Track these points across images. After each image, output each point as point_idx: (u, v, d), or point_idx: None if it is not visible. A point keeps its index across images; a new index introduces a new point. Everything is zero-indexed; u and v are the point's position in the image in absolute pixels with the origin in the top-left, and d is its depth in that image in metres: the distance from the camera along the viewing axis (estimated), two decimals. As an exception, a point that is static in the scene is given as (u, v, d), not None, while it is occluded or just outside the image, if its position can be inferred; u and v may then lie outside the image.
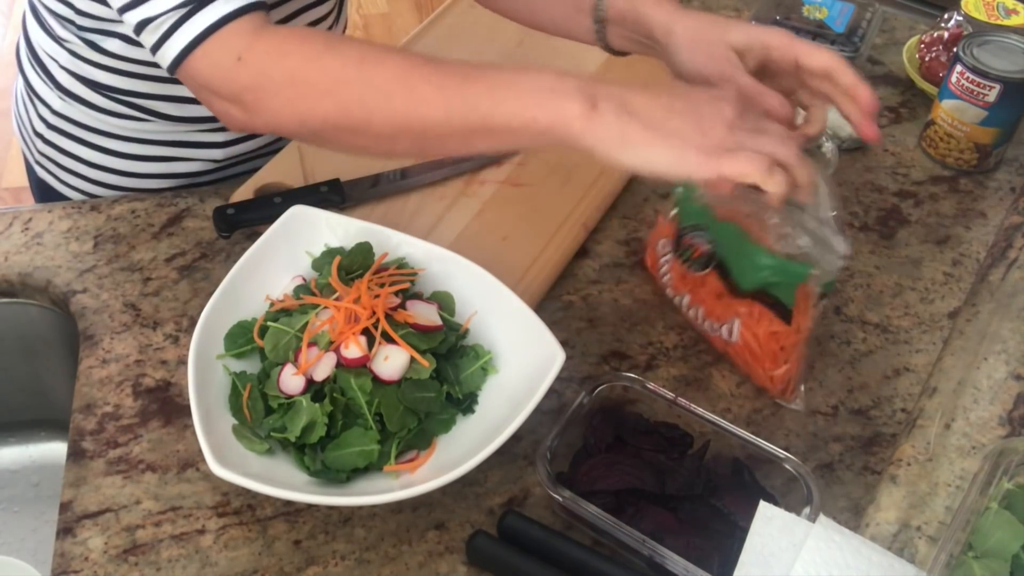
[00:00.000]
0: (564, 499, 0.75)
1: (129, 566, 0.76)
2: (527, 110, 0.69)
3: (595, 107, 0.68)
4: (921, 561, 0.73)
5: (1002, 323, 0.88)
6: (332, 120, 0.73)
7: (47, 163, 1.11)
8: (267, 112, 0.75)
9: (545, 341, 0.81)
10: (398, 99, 0.71)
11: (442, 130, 0.71)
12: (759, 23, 1.19)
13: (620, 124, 0.68)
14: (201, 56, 0.74)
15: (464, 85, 0.71)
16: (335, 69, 0.72)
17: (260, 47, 0.74)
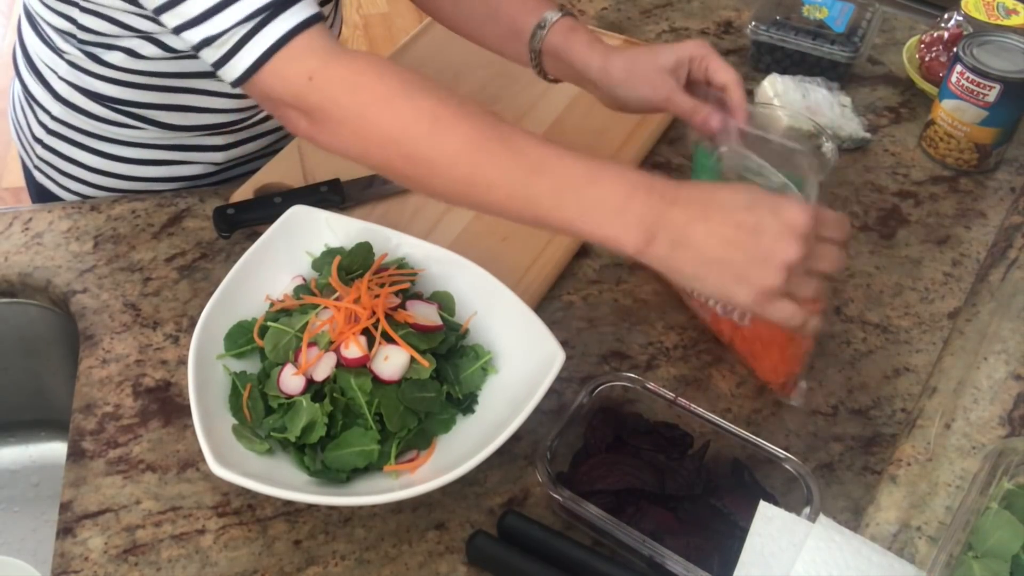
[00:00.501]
0: (564, 499, 0.75)
1: (129, 566, 0.76)
2: (584, 225, 0.69)
3: (652, 239, 0.68)
4: (921, 561, 0.73)
5: (1002, 323, 0.88)
6: (393, 165, 0.74)
7: (47, 168, 1.10)
8: (331, 134, 0.75)
9: (545, 341, 0.81)
10: (462, 170, 0.71)
11: (498, 209, 0.72)
12: (759, 23, 1.19)
13: (672, 256, 0.68)
14: (271, 72, 0.74)
15: (530, 177, 0.70)
16: (407, 120, 0.72)
17: (333, 72, 0.73)
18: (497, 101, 1.14)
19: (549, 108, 1.14)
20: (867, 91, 1.21)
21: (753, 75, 1.21)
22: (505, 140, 0.71)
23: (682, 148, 1.12)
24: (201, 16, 0.74)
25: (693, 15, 1.32)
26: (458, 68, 1.18)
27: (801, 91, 1.14)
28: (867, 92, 1.21)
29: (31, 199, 1.19)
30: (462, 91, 1.15)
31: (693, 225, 0.67)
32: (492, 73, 1.18)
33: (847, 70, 1.19)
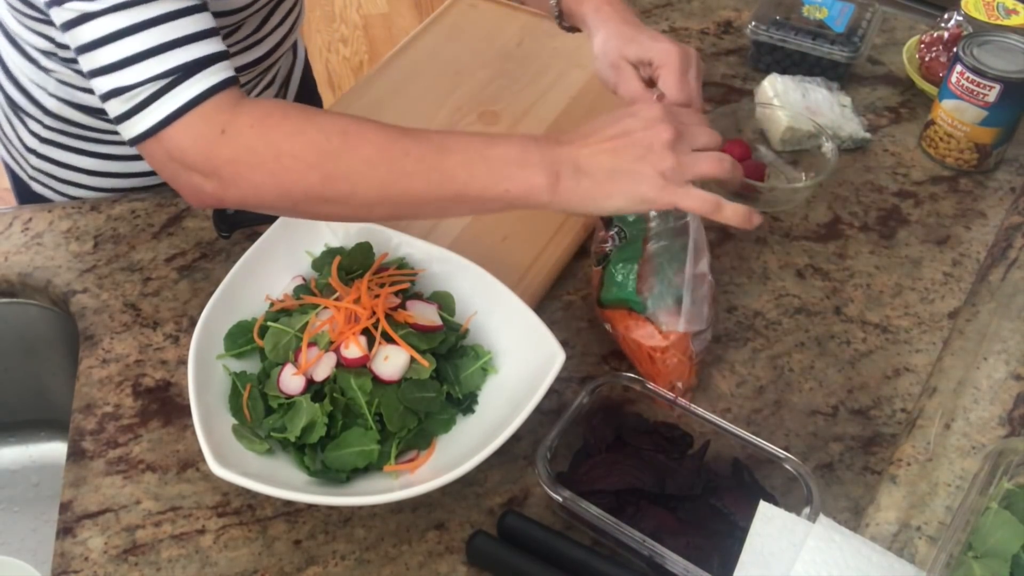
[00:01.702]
0: (564, 499, 0.75)
1: (129, 566, 0.76)
2: (499, 183, 0.74)
3: (557, 176, 0.73)
4: (921, 561, 0.73)
5: (1002, 323, 0.88)
6: (315, 192, 0.74)
7: (44, 178, 1.09)
8: (246, 185, 0.74)
9: (545, 341, 0.81)
10: (382, 171, 0.73)
11: (421, 200, 0.75)
12: (759, 23, 1.19)
13: (580, 187, 0.74)
14: (181, 129, 0.73)
15: (441, 158, 0.74)
16: (320, 143, 0.73)
17: (243, 121, 0.74)
18: (497, 101, 1.14)
19: (549, 108, 1.14)
20: (867, 91, 1.21)
21: (753, 75, 1.21)
22: (410, 134, 0.75)
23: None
24: (113, 66, 0.73)
25: (693, 15, 1.31)
26: (458, 68, 1.18)
27: (801, 91, 1.14)
28: (867, 92, 1.21)
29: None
30: (462, 91, 1.15)
31: (581, 153, 0.74)
32: (492, 73, 1.18)
33: (847, 70, 1.19)
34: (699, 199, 0.74)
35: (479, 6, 1.28)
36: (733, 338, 0.93)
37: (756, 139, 1.11)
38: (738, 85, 1.21)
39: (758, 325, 0.95)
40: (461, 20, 1.25)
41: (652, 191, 0.73)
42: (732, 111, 1.12)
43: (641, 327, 0.86)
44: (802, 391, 0.89)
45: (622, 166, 0.74)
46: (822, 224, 1.05)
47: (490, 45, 1.22)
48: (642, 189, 0.73)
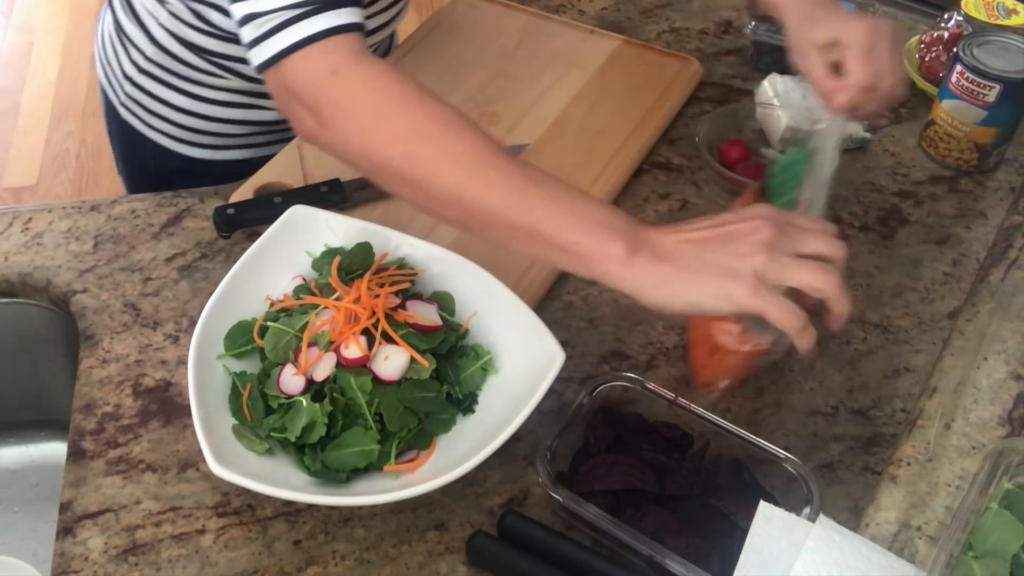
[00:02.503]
0: (564, 499, 0.75)
1: (129, 566, 0.76)
2: (574, 233, 0.71)
3: (635, 252, 0.69)
4: (921, 561, 0.73)
5: (1002, 323, 0.88)
6: (395, 165, 0.74)
7: (133, 106, 1.15)
8: (339, 131, 0.75)
9: (545, 341, 0.81)
10: (465, 172, 0.73)
11: (492, 215, 0.73)
12: (759, 23, 1.19)
13: (657, 269, 0.69)
14: (299, 60, 0.75)
15: (528, 185, 0.72)
16: (420, 121, 0.74)
17: (357, 69, 0.75)
18: (497, 101, 1.14)
19: (549, 108, 1.14)
20: (867, 91, 1.21)
21: (753, 75, 1.21)
22: (505, 155, 0.74)
23: (682, 148, 1.12)
24: None
25: (693, 15, 1.31)
26: (458, 68, 1.18)
27: (801, 91, 1.13)
28: (867, 92, 1.20)
29: (110, 137, 1.23)
30: (462, 91, 1.15)
31: (667, 239, 0.71)
32: (492, 73, 1.18)
33: (847, 70, 1.19)
34: (789, 313, 0.67)
35: (479, 6, 1.28)
36: (733, 338, 0.93)
37: (756, 139, 1.11)
38: (738, 85, 1.21)
39: (758, 325, 0.94)
40: (461, 20, 1.25)
41: (739, 290, 0.67)
42: (732, 111, 1.12)
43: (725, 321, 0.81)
44: (802, 391, 0.89)
45: (710, 258, 0.69)
46: (822, 224, 1.05)
47: (490, 45, 1.22)
48: (728, 286, 0.67)
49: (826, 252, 0.71)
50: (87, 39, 3.01)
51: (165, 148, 1.16)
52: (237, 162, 1.16)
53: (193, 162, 1.16)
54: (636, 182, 1.07)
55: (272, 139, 1.16)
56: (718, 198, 1.06)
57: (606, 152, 1.08)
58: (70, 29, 3.07)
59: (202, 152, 1.16)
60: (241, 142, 1.16)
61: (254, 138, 1.16)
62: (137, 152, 1.19)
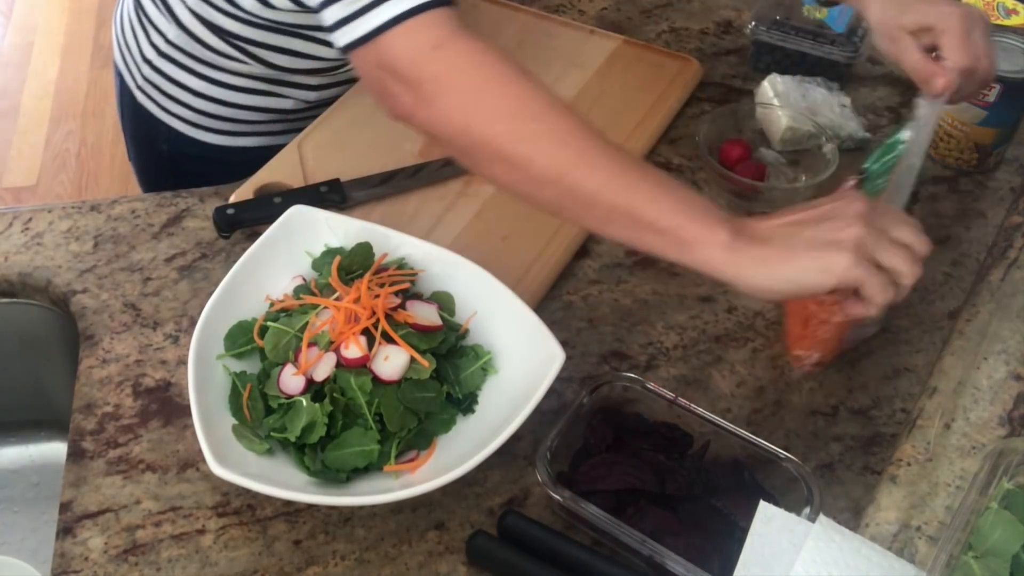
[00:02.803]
0: (564, 499, 0.75)
1: (129, 566, 0.76)
2: (680, 216, 0.71)
3: (736, 236, 0.70)
4: (921, 561, 0.73)
5: (1002, 323, 0.88)
6: (497, 143, 0.73)
7: (150, 89, 1.15)
8: (439, 108, 0.74)
9: (545, 341, 0.81)
10: (569, 152, 0.72)
11: (594, 198, 0.72)
12: (759, 23, 1.19)
13: (757, 251, 0.70)
14: (400, 34, 0.73)
15: (631, 169, 0.72)
16: (524, 100, 0.73)
17: (458, 44, 0.74)
18: (497, 101, 1.14)
19: (549, 108, 1.13)
20: (867, 91, 1.21)
21: (753, 75, 1.21)
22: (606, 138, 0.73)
23: (682, 148, 1.12)
24: None
25: (693, 15, 1.31)
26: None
27: (801, 91, 1.14)
28: (867, 92, 1.21)
29: (122, 122, 1.24)
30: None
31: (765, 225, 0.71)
32: (492, 73, 1.18)
33: (847, 70, 1.19)
34: (884, 288, 0.69)
35: (479, 6, 1.27)
36: (733, 338, 0.93)
37: (756, 139, 1.11)
38: (738, 85, 1.21)
39: (758, 325, 0.95)
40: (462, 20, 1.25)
41: (842, 261, 0.68)
42: (732, 111, 1.12)
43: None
44: (802, 391, 0.89)
45: (809, 234, 0.70)
46: (822, 224, 1.05)
47: (490, 45, 1.22)
48: (830, 258, 0.68)
49: (914, 243, 0.71)
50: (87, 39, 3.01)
51: (180, 133, 1.16)
52: (251, 149, 1.16)
53: (207, 147, 1.16)
54: (636, 182, 1.07)
55: (287, 128, 1.16)
56: (718, 198, 1.06)
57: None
58: (70, 29, 3.07)
59: (217, 138, 1.16)
60: (257, 129, 1.16)
61: (270, 126, 1.16)
62: (150, 137, 1.19)
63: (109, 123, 2.74)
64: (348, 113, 1.11)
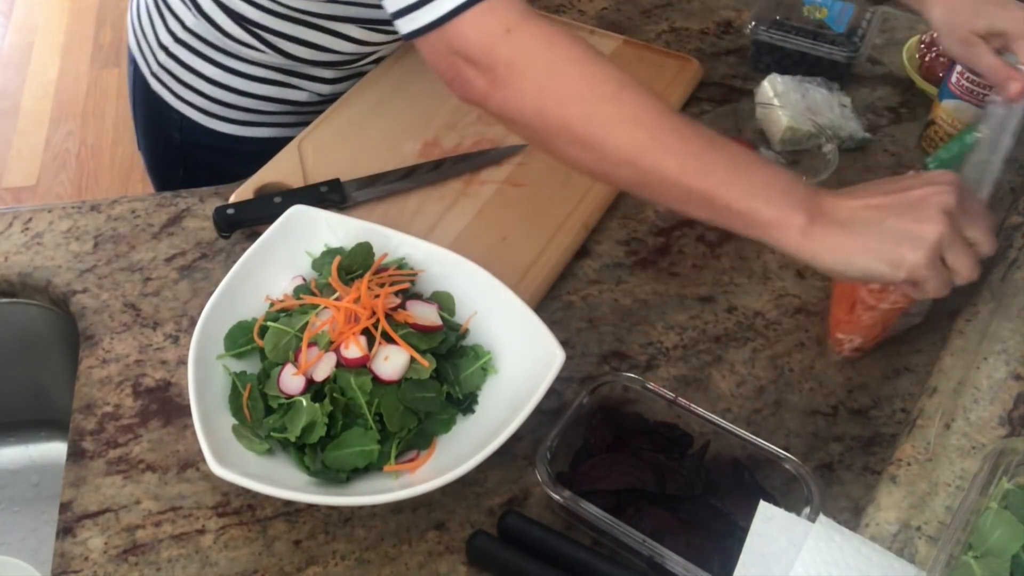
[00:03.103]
0: (564, 499, 0.75)
1: (129, 566, 0.76)
2: (753, 200, 0.71)
3: (813, 220, 0.70)
4: (921, 561, 0.73)
5: (1002, 323, 0.88)
6: (571, 126, 0.74)
7: (165, 76, 1.15)
8: (513, 91, 0.74)
9: (545, 341, 0.81)
10: (643, 134, 0.73)
11: (668, 180, 0.73)
12: (759, 23, 1.19)
13: (834, 236, 0.70)
14: (471, 19, 0.73)
15: (707, 150, 0.72)
16: (597, 81, 0.73)
17: (530, 27, 0.74)
18: (497, 101, 1.14)
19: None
20: (867, 91, 1.21)
21: (753, 75, 1.21)
22: (684, 118, 0.74)
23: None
24: None
25: (693, 15, 1.31)
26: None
27: (801, 91, 1.14)
28: (867, 92, 1.21)
29: (133, 110, 1.24)
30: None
31: (846, 204, 0.71)
32: (492, 73, 1.18)
33: (847, 70, 1.19)
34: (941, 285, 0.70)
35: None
36: (733, 338, 0.93)
37: (756, 139, 1.11)
38: (738, 85, 1.21)
39: (758, 325, 0.95)
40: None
41: (916, 259, 0.68)
42: (732, 111, 1.12)
43: None
44: (802, 391, 0.89)
45: (889, 224, 0.70)
46: (822, 224, 1.05)
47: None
48: (904, 254, 0.69)
49: (983, 243, 0.72)
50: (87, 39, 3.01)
51: (192, 121, 1.16)
52: (262, 140, 1.16)
53: (219, 137, 1.16)
54: (636, 182, 1.07)
55: (299, 120, 1.16)
56: (718, 198, 1.06)
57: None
58: (70, 29, 3.07)
59: (229, 127, 1.16)
60: (270, 120, 1.16)
61: (283, 117, 1.16)
62: (163, 124, 1.19)
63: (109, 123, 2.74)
64: (348, 112, 1.11)
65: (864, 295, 0.85)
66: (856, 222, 0.70)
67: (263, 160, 1.04)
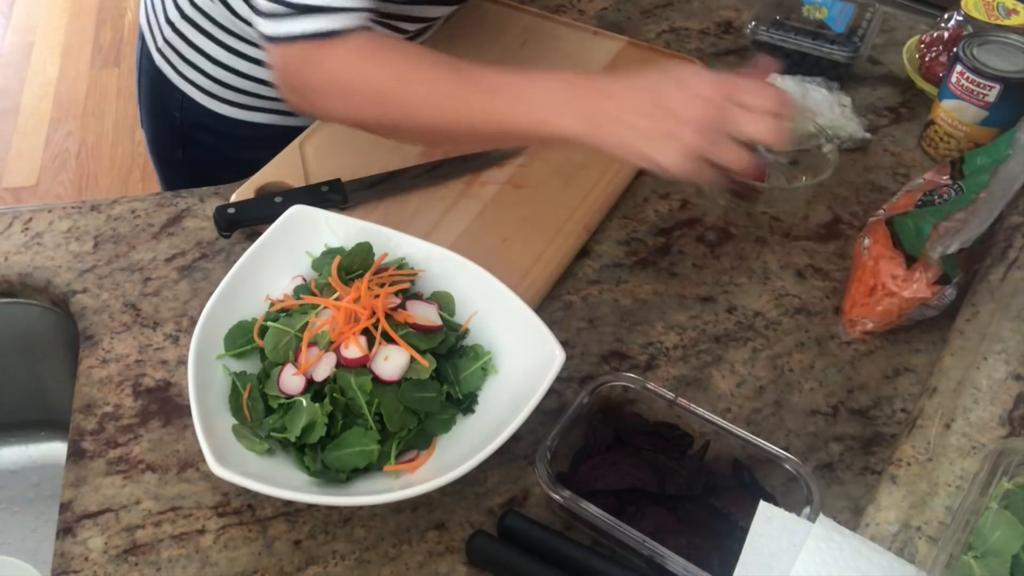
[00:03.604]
0: (564, 499, 0.75)
1: (129, 566, 0.76)
2: (542, 126, 0.81)
3: (597, 125, 0.79)
4: (921, 561, 0.73)
5: (1002, 323, 0.88)
6: (376, 120, 0.88)
7: (169, 52, 1.15)
8: (324, 111, 0.90)
9: (545, 341, 0.81)
10: (432, 113, 0.85)
11: (472, 132, 0.85)
12: (759, 23, 1.19)
13: (618, 135, 0.79)
14: (281, 51, 0.86)
15: (487, 100, 0.83)
16: (378, 83, 0.85)
17: (328, 57, 0.85)
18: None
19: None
20: (867, 91, 1.21)
21: (753, 75, 1.21)
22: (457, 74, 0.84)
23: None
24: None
25: (693, 15, 1.32)
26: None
27: (801, 91, 1.14)
28: (867, 92, 1.21)
29: (138, 87, 1.25)
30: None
31: (620, 106, 0.79)
32: (492, 73, 1.18)
33: (847, 70, 1.19)
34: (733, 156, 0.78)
35: (483, 6, 1.27)
36: (733, 338, 0.93)
37: (756, 139, 1.11)
38: (738, 85, 1.21)
39: (758, 325, 0.95)
40: (465, 20, 1.25)
41: (669, 158, 0.77)
42: (732, 111, 1.11)
43: (894, 265, 0.90)
44: (802, 391, 0.89)
45: (651, 127, 0.78)
46: (822, 224, 1.05)
47: (493, 46, 1.22)
48: (662, 152, 0.77)
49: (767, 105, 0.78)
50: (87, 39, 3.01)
51: (193, 101, 1.16)
52: (260, 125, 1.17)
53: (219, 119, 1.17)
54: (636, 182, 1.07)
55: None
56: (718, 198, 1.06)
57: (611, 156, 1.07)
58: (70, 29, 3.07)
59: (228, 109, 1.16)
60: (269, 105, 1.16)
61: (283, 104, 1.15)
62: (164, 102, 1.20)
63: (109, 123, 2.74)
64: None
65: (887, 281, 0.89)
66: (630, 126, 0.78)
67: (261, 146, 1.04)
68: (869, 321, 0.92)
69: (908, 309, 0.90)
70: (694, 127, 0.76)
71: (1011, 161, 0.93)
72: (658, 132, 0.77)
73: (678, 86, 0.78)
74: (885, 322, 0.91)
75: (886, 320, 0.91)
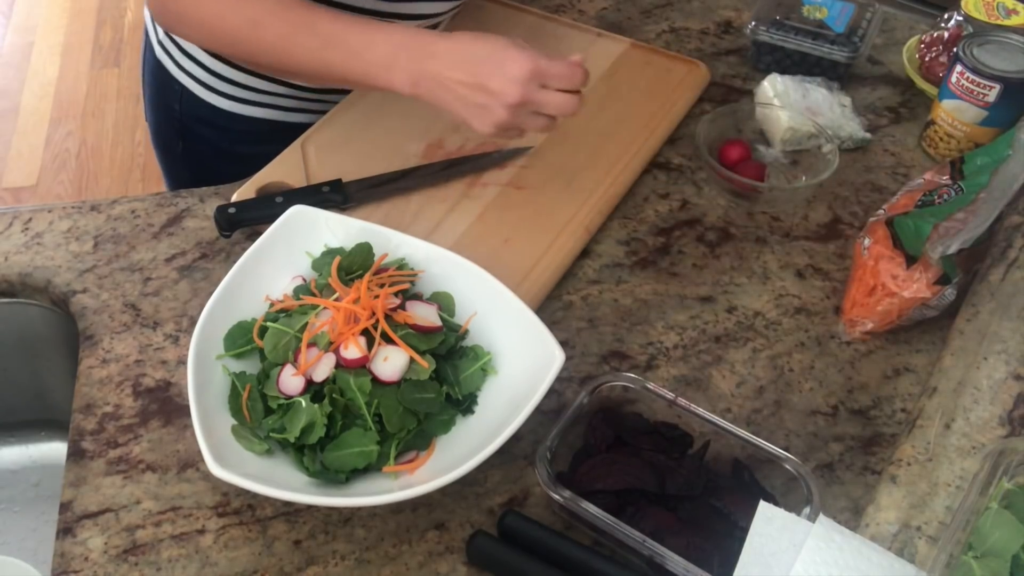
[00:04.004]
0: (564, 499, 0.75)
1: (129, 566, 0.76)
2: (371, 80, 0.93)
3: (417, 85, 0.91)
4: (921, 561, 0.73)
5: (1002, 323, 0.88)
6: (230, 55, 1.01)
7: (170, 44, 1.16)
8: (184, 37, 1.03)
9: (545, 341, 0.81)
10: (280, 57, 0.94)
11: (315, 76, 0.97)
12: (759, 23, 1.19)
13: (432, 96, 0.91)
14: None
15: (326, 54, 0.93)
16: (234, 26, 0.93)
17: None
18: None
19: (549, 108, 1.13)
20: (867, 91, 1.21)
21: (753, 75, 1.21)
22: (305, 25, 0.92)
23: (682, 148, 1.12)
24: None
25: (693, 15, 1.32)
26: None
27: (801, 91, 1.14)
28: (867, 92, 1.21)
29: (143, 80, 1.26)
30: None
31: (443, 76, 0.90)
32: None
33: (847, 70, 1.19)
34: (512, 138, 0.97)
35: (486, 7, 1.27)
36: (733, 338, 0.93)
37: (756, 139, 1.11)
38: (738, 85, 1.21)
39: (758, 325, 0.95)
40: (467, 20, 1.25)
41: (482, 128, 0.90)
42: (732, 111, 1.12)
43: (894, 265, 0.91)
44: (802, 391, 0.89)
45: (470, 101, 0.89)
46: (822, 224, 1.05)
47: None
48: (476, 123, 0.90)
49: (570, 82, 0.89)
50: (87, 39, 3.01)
51: (192, 94, 1.17)
52: (258, 120, 1.17)
53: (216, 112, 1.17)
54: (636, 182, 1.07)
55: (295, 106, 1.16)
56: (718, 198, 1.06)
57: (611, 155, 1.08)
58: (70, 29, 3.07)
59: (226, 103, 1.16)
60: (266, 100, 1.16)
61: (279, 100, 1.16)
62: (165, 94, 1.20)
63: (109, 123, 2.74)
64: (351, 113, 1.11)
65: (887, 281, 0.89)
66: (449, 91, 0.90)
67: (259, 141, 1.05)
68: (869, 321, 0.92)
69: (908, 309, 0.90)
70: (506, 106, 0.88)
71: (1011, 161, 0.93)
72: (473, 102, 0.89)
73: (497, 67, 0.88)
74: (885, 322, 0.92)
75: (886, 320, 0.91)
